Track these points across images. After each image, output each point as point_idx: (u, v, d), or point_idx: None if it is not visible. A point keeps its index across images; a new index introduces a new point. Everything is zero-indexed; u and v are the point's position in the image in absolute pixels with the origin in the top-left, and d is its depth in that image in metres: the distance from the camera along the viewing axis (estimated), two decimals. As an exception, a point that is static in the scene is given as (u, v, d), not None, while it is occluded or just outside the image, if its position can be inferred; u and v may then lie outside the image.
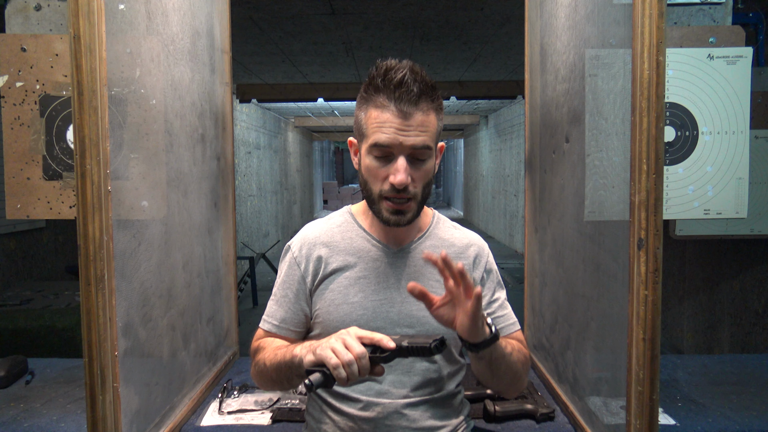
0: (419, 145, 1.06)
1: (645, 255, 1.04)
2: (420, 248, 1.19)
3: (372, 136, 1.07)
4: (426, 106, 1.06)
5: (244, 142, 7.96)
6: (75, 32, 1.03)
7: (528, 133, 1.94)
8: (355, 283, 1.16)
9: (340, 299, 1.15)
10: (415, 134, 1.05)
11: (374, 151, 1.07)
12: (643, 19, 1.02)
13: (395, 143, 1.05)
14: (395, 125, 1.04)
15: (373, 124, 1.06)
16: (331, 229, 1.22)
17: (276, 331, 1.21)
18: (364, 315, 1.14)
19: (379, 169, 1.08)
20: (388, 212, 1.10)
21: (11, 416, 1.50)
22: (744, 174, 1.57)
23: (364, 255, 1.18)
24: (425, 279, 1.16)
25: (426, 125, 1.06)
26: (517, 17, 3.68)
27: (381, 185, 1.09)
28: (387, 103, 1.05)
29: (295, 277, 1.20)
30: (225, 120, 1.88)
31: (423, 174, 1.09)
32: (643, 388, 1.06)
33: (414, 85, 1.03)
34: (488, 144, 12.28)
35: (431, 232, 1.23)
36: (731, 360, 1.96)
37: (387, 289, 1.16)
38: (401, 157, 1.06)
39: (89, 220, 1.05)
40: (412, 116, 1.04)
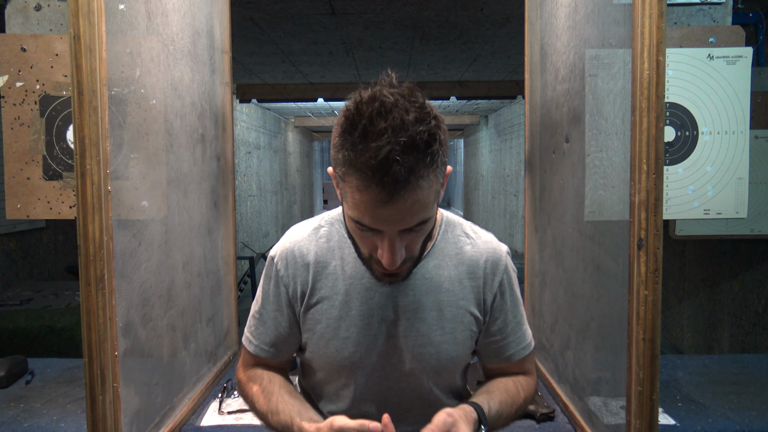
0: (410, 226, 0.86)
1: (645, 255, 1.04)
2: (420, 273, 1.02)
3: (353, 209, 0.85)
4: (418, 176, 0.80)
5: (244, 142, 7.96)
6: (75, 32, 1.03)
7: (528, 133, 1.94)
8: (345, 315, 1.02)
9: (329, 334, 1.02)
10: (407, 217, 0.84)
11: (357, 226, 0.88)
12: (643, 19, 1.02)
13: (380, 227, 0.85)
14: (379, 211, 0.82)
15: (354, 199, 0.84)
16: (319, 244, 1.05)
17: (264, 355, 1.08)
18: (356, 352, 1.01)
19: (365, 238, 0.90)
20: (380, 274, 0.95)
21: (11, 416, 1.50)
22: (744, 174, 1.57)
23: (356, 282, 1.02)
24: (425, 311, 1.02)
25: (421, 200, 0.83)
26: (517, 17, 3.68)
27: (369, 250, 0.92)
28: (367, 184, 0.80)
29: (281, 299, 1.06)
30: (225, 120, 1.88)
31: (420, 237, 0.91)
32: (643, 388, 1.06)
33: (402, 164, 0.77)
34: (488, 144, 12.28)
35: (437, 247, 1.04)
36: (731, 360, 1.96)
37: (382, 323, 1.01)
38: (388, 236, 0.86)
39: (89, 220, 1.05)
40: (402, 198, 0.80)
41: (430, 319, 1.02)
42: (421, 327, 1.02)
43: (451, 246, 1.06)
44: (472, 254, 1.05)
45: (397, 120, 0.78)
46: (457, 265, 1.04)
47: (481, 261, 1.05)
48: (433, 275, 1.03)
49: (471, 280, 1.04)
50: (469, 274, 1.04)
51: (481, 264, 1.05)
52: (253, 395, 1.06)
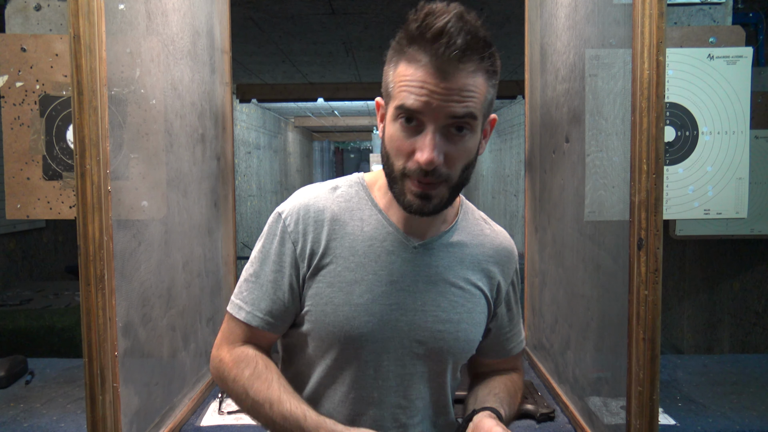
0: (460, 113, 0.81)
1: (645, 255, 1.04)
2: (444, 244, 0.96)
3: (398, 97, 0.83)
4: (473, 66, 0.80)
5: (244, 142, 7.96)
6: (75, 32, 1.03)
7: (528, 133, 1.94)
8: (362, 279, 0.92)
9: (341, 298, 0.91)
10: (455, 100, 0.80)
11: (400, 116, 0.83)
12: (643, 19, 1.02)
13: (427, 109, 0.81)
14: (429, 86, 0.80)
15: (401, 82, 0.82)
16: (336, 202, 0.96)
17: (258, 324, 0.95)
18: (369, 322, 0.91)
19: (405, 140, 0.84)
20: (411, 194, 0.85)
21: (11, 416, 1.50)
22: (744, 174, 1.57)
23: (376, 244, 0.93)
24: (446, 285, 0.95)
25: (471, 90, 0.81)
26: (517, 17, 3.68)
27: (405, 162, 0.85)
28: (421, 57, 0.80)
29: (287, 258, 0.94)
30: (225, 120, 1.88)
31: (462, 153, 0.84)
32: (643, 388, 1.06)
33: (458, 36, 0.78)
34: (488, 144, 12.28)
35: (459, 224, 0.99)
36: (731, 360, 1.96)
37: (400, 292, 0.93)
38: (430, 130, 0.81)
39: (89, 220, 1.05)
40: (453, 77, 0.79)
41: (451, 294, 0.95)
42: (442, 302, 0.94)
43: (472, 226, 1.01)
44: (492, 239, 1.02)
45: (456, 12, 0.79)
46: (479, 246, 1.00)
47: (501, 246, 1.02)
48: (457, 250, 0.97)
49: (489, 263, 1.00)
50: (489, 257, 1.00)
51: (501, 251, 1.02)
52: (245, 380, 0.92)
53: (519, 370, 1.13)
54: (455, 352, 0.96)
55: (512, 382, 1.08)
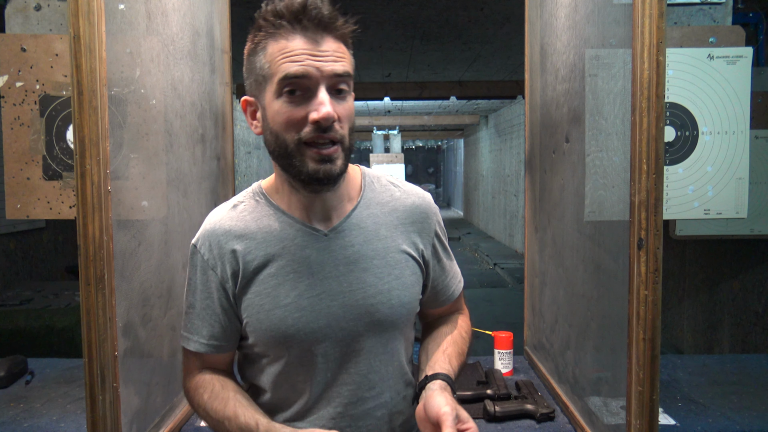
0: (340, 71, 0.87)
1: (645, 255, 1.04)
2: (354, 223, 0.99)
3: (279, 71, 0.87)
4: (338, 33, 0.89)
5: (244, 142, 7.96)
6: (75, 32, 1.03)
7: (528, 133, 1.94)
8: (284, 280, 0.95)
9: (269, 304, 0.95)
10: (333, 59, 0.87)
11: (285, 89, 0.87)
12: (643, 19, 1.02)
13: (311, 71, 0.86)
14: (307, 51, 0.86)
15: (278, 57, 0.87)
16: (241, 217, 0.99)
17: (205, 350, 1.00)
18: (302, 317, 0.94)
19: (293, 111, 0.87)
20: (314, 161, 0.88)
21: (11, 416, 1.50)
22: (744, 174, 1.57)
23: (288, 243, 0.96)
24: (368, 260, 0.98)
25: (342, 52, 0.89)
26: (517, 17, 3.68)
27: (298, 131, 0.88)
28: (291, 31, 0.87)
29: (212, 285, 0.99)
30: (225, 120, 1.88)
31: (347, 112, 0.90)
32: (643, 388, 1.06)
33: (322, 6, 0.87)
34: (488, 144, 12.28)
35: (366, 197, 1.02)
36: (731, 360, 1.96)
37: (324, 281, 0.96)
38: (321, 89, 0.87)
39: (89, 220, 1.05)
40: (325, 41, 0.87)
41: (374, 267, 0.98)
42: (368, 277, 0.97)
43: (380, 195, 1.04)
44: (404, 200, 1.05)
45: None
46: (391, 212, 1.02)
47: (414, 207, 1.05)
48: (368, 224, 1.00)
49: (406, 224, 1.03)
50: (404, 219, 1.03)
51: (415, 209, 1.04)
52: (205, 402, 0.98)
53: (462, 310, 1.17)
54: (393, 319, 0.99)
55: (458, 330, 1.10)
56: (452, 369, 1.01)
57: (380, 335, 0.99)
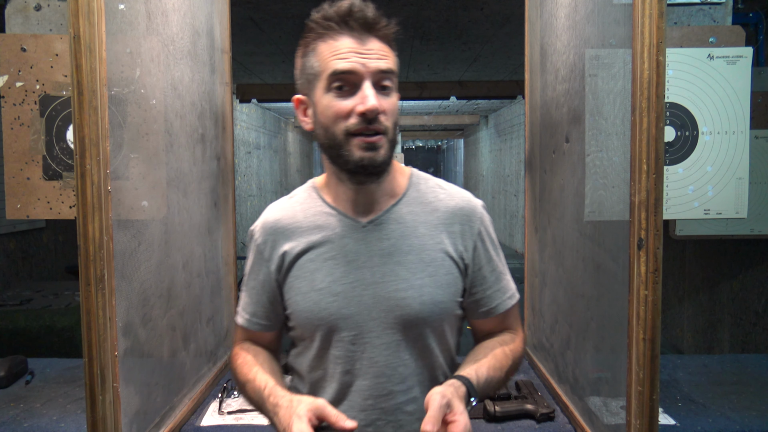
0: (384, 67, 0.94)
1: (645, 255, 1.04)
2: (393, 217, 1.03)
3: (328, 67, 0.94)
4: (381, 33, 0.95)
5: (244, 142, 7.96)
6: (75, 32, 1.03)
7: (528, 133, 1.94)
8: (321, 266, 1.02)
9: (306, 287, 1.02)
10: (377, 57, 0.94)
11: (334, 84, 0.94)
12: (643, 19, 1.02)
13: (358, 68, 0.93)
14: (354, 49, 0.93)
15: (327, 55, 0.94)
16: (293, 208, 1.08)
17: (247, 325, 1.10)
18: (334, 302, 1.00)
19: (341, 104, 0.94)
20: (359, 150, 0.94)
21: (11, 416, 1.50)
22: (744, 174, 1.57)
23: (328, 232, 1.03)
24: (402, 254, 1.01)
25: (386, 51, 0.96)
26: (517, 17, 3.68)
27: (346, 122, 0.94)
28: (338, 32, 0.94)
29: (261, 268, 1.07)
30: (225, 120, 1.88)
31: (391, 107, 0.96)
32: (643, 388, 1.06)
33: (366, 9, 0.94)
34: (488, 144, 12.28)
35: (409, 196, 1.06)
36: (731, 360, 1.96)
37: (359, 270, 1.01)
38: (367, 83, 0.93)
39: (89, 220, 1.05)
40: (370, 41, 0.94)
41: (409, 262, 1.01)
42: (401, 271, 1.00)
43: (425, 195, 1.07)
44: (448, 202, 1.06)
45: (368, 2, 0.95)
46: (432, 212, 1.05)
47: (456, 209, 1.06)
48: (408, 220, 1.03)
49: (448, 225, 1.04)
50: (445, 220, 1.05)
51: (457, 212, 1.05)
52: (237, 367, 1.07)
53: (512, 329, 1.13)
54: (424, 315, 1.00)
55: (501, 344, 1.07)
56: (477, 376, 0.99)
57: (410, 330, 1.01)
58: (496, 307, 1.08)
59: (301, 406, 0.88)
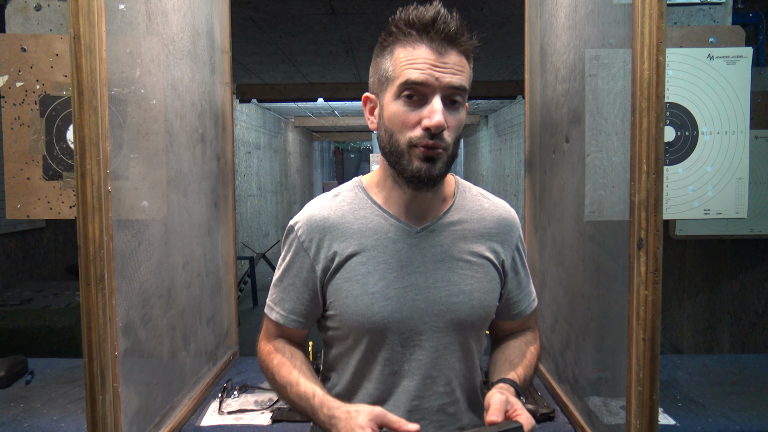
0: (457, 84, 0.93)
1: (645, 255, 1.04)
2: (445, 224, 1.05)
3: (401, 75, 0.93)
4: (462, 47, 0.94)
5: (244, 142, 7.96)
6: (75, 32, 1.03)
7: (528, 133, 1.94)
8: (374, 270, 1.02)
9: (358, 290, 1.01)
10: (452, 72, 0.93)
11: (404, 92, 0.94)
12: (643, 19, 1.02)
13: (430, 80, 0.92)
14: (430, 61, 0.92)
15: (403, 62, 0.93)
16: (340, 208, 1.06)
17: (284, 322, 1.08)
18: (387, 306, 1.01)
19: (409, 114, 0.94)
20: (419, 159, 0.94)
21: (11, 416, 1.50)
22: (744, 174, 1.57)
23: (382, 236, 1.03)
24: (453, 261, 1.04)
25: (462, 66, 0.94)
26: (517, 17, 3.68)
27: (410, 132, 0.94)
28: (418, 40, 0.93)
29: (303, 265, 1.06)
30: (225, 120, 1.88)
31: (457, 123, 0.96)
32: (643, 388, 1.06)
33: (451, 22, 0.92)
34: (488, 144, 12.28)
35: (457, 204, 1.08)
36: (731, 360, 1.96)
37: (412, 275, 1.02)
38: (437, 98, 0.93)
39: (89, 220, 1.05)
40: (449, 54, 0.93)
41: (459, 268, 1.03)
42: (452, 276, 1.03)
43: (471, 203, 1.10)
44: (492, 211, 1.10)
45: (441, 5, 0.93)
46: (480, 220, 1.08)
47: (501, 218, 1.10)
48: (458, 228, 1.06)
49: (492, 234, 1.08)
50: (491, 228, 1.08)
51: (501, 221, 1.10)
52: (274, 366, 1.06)
53: (533, 329, 1.19)
54: (473, 319, 1.04)
55: (526, 345, 1.13)
56: (518, 377, 1.04)
57: (459, 333, 1.04)
58: (523, 310, 1.15)
59: (361, 416, 0.89)
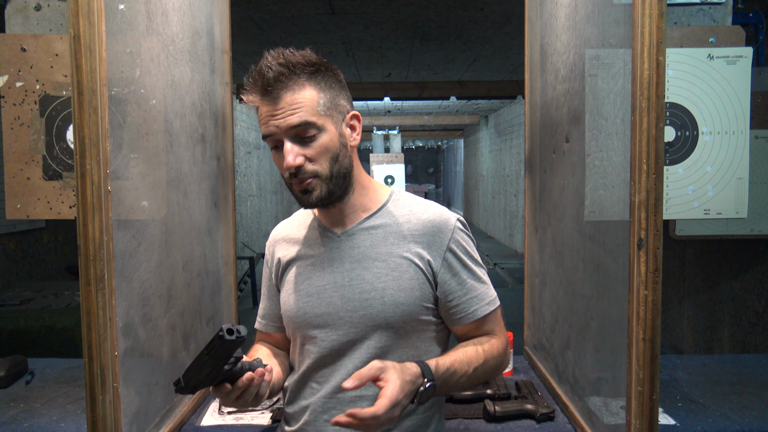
0: (295, 123, 1.03)
1: (645, 255, 1.04)
2: (365, 228, 1.16)
3: (262, 130, 1.08)
4: (293, 84, 1.04)
5: (244, 142, 7.96)
6: (75, 32, 1.03)
7: (528, 133, 1.94)
8: (303, 271, 1.17)
9: (291, 289, 1.18)
10: (286, 115, 1.03)
11: (269, 144, 1.08)
12: (643, 19, 1.02)
13: (273, 130, 1.04)
14: (269, 113, 1.04)
15: (260, 120, 1.07)
16: (291, 224, 1.27)
17: (260, 328, 1.29)
18: (309, 302, 1.14)
19: (278, 159, 1.08)
20: (299, 193, 1.09)
21: (11, 416, 1.50)
22: (744, 174, 1.57)
23: (312, 243, 1.19)
24: (370, 261, 1.13)
25: (298, 102, 1.03)
26: (517, 17, 3.68)
27: (285, 173, 1.08)
28: (259, 99, 1.05)
29: (269, 275, 1.26)
30: (225, 120, 1.88)
31: (318, 150, 1.05)
32: (643, 388, 1.06)
33: (269, 72, 1.02)
34: (488, 144, 12.28)
35: (384, 210, 1.17)
36: (731, 360, 1.96)
37: (331, 274, 1.14)
38: (286, 141, 1.05)
39: (89, 220, 1.05)
40: (281, 99, 1.03)
41: (375, 268, 1.12)
42: (366, 275, 1.12)
43: (401, 210, 1.17)
44: (420, 215, 1.16)
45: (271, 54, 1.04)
46: (405, 223, 1.15)
47: (427, 221, 1.15)
48: (379, 231, 1.14)
49: (416, 236, 1.14)
50: (415, 230, 1.14)
51: (428, 224, 1.14)
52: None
53: (494, 334, 1.18)
54: (386, 315, 1.10)
55: (474, 344, 1.14)
56: (437, 363, 1.05)
57: (375, 329, 1.11)
58: (471, 313, 1.14)
59: None
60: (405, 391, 0.95)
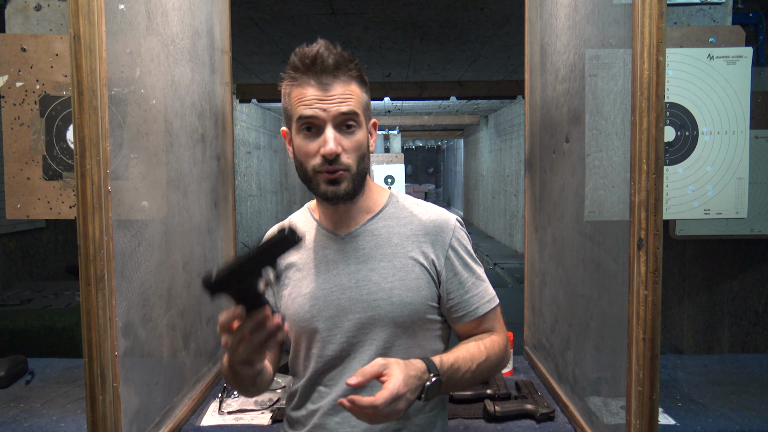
0: (345, 110, 1.05)
1: (645, 255, 1.04)
2: (369, 230, 1.16)
3: (297, 112, 1.07)
4: (345, 77, 1.06)
5: (244, 142, 7.96)
6: (75, 32, 1.03)
7: (528, 133, 1.94)
8: (307, 274, 1.16)
9: (294, 293, 1.16)
10: (337, 102, 1.05)
11: (302, 126, 1.07)
12: (643, 19, 1.02)
13: (319, 113, 1.05)
14: (316, 97, 1.05)
15: (296, 101, 1.07)
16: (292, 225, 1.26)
17: None
18: (315, 305, 1.13)
19: (309, 144, 1.07)
20: (324, 184, 1.07)
21: (11, 416, 1.50)
22: (744, 174, 1.57)
23: (314, 245, 1.18)
24: (375, 261, 1.13)
25: (348, 94, 1.06)
26: (517, 17, 3.68)
27: (313, 161, 1.07)
28: (306, 80, 1.06)
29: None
30: (225, 120, 1.88)
31: (354, 144, 1.07)
32: (643, 388, 1.06)
33: (329, 58, 1.04)
34: (488, 144, 12.28)
35: (385, 212, 1.18)
36: (731, 360, 1.96)
37: (337, 276, 1.14)
38: (329, 127, 1.05)
39: (89, 220, 1.05)
40: (332, 87, 1.05)
41: (381, 269, 1.12)
42: (373, 276, 1.12)
43: (402, 211, 1.19)
44: (421, 215, 1.18)
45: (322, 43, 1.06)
46: (407, 224, 1.16)
47: (429, 222, 1.17)
48: (383, 232, 1.15)
49: (419, 236, 1.15)
50: (417, 231, 1.16)
51: (429, 224, 1.16)
52: None
53: (493, 331, 1.19)
54: (394, 315, 1.10)
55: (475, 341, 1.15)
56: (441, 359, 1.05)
57: (383, 329, 1.10)
58: (473, 311, 1.16)
59: None
60: (409, 385, 0.96)
